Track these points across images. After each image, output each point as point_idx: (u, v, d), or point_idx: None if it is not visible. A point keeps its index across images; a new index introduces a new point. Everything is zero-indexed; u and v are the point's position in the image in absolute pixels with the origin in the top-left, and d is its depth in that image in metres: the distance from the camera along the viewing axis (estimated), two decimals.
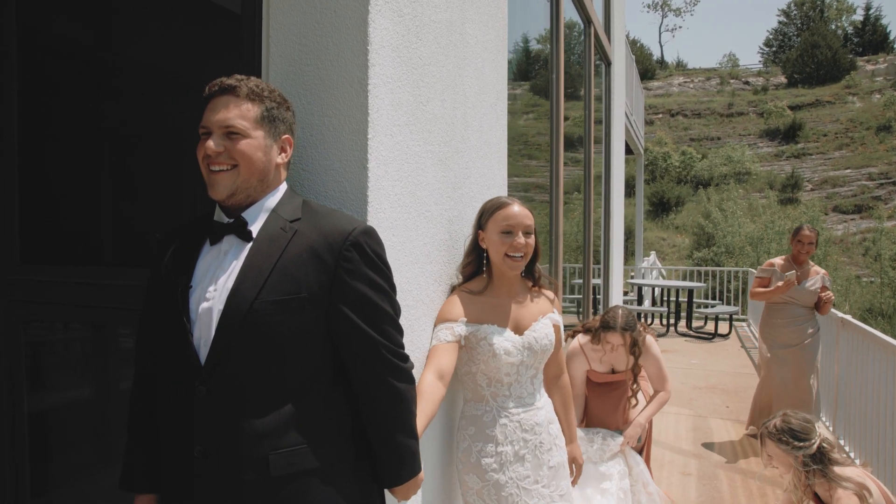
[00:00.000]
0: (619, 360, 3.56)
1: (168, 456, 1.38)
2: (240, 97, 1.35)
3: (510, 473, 1.97)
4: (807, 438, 2.49)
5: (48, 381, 2.49)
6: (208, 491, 1.31)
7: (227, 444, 1.30)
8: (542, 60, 5.32)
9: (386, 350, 1.40)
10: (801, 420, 2.56)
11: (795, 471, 2.57)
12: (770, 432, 2.61)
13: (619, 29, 6.90)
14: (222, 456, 1.30)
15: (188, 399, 1.31)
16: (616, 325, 3.36)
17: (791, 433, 2.54)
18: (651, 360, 3.52)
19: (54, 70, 2.44)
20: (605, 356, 3.50)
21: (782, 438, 2.56)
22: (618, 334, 3.36)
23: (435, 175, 1.99)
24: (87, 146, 2.36)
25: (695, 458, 4.42)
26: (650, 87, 43.72)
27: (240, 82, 1.36)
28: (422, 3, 1.86)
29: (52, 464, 2.45)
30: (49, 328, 2.50)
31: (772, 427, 2.62)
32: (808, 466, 2.51)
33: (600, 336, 3.42)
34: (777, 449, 2.58)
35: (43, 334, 2.48)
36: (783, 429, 2.57)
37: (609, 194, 6.41)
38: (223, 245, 1.38)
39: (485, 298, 2.01)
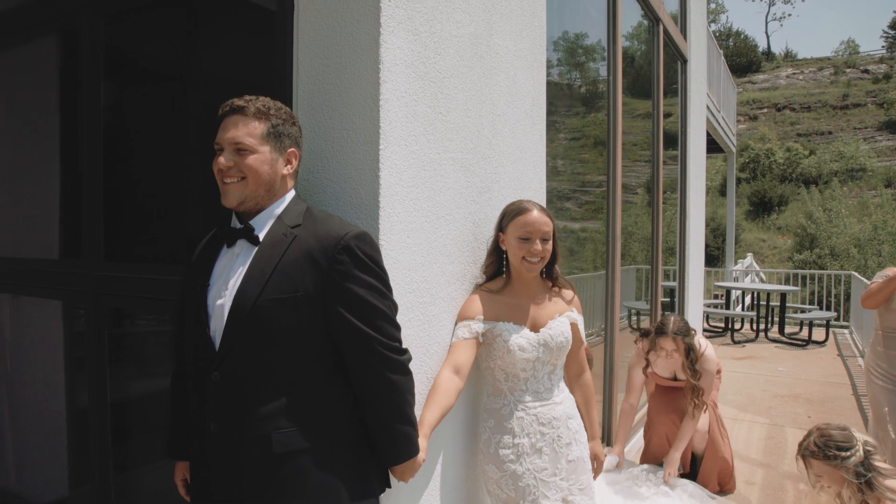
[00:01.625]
0: (678, 366, 3.57)
1: (193, 430, 1.59)
2: (248, 116, 1.54)
3: (527, 465, 2.06)
4: (851, 446, 2.40)
5: (130, 370, 2.82)
6: (220, 463, 1.51)
7: (235, 422, 1.49)
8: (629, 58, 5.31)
9: (379, 344, 1.53)
10: (838, 429, 2.46)
11: (849, 483, 2.48)
12: (812, 451, 2.49)
13: (699, 24, 6.71)
14: (231, 433, 1.50)
15: (205, 381, 1.52)
16: (668, 330, 3.40)
17: (835, 445, 2.44)
18: (706, 374, 3.53)
19: (134, 86, 2.76)
20: (665, 362, 3.53)
21: (828, 453, 2.45)
22: (669, 339, 3.41)
23: (457, 180, 2.11)
24: (160, 156, 2.66)
25: (762, 467, 4.27)
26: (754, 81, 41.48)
27: (248, 103, 1.55)
28: (440, 21, 1.99)
29: (132, 445, 2.77)
30: (130, 323, 2.83)
31: (812, 445, 2.50)
32: (862, 476, 2.41)
33: (655, 342, 3.47)
34: (825, 466, 2.46)
35: (124, 327, 2.81)
36: (825, 443, 2.46)
37: (685, 194, 6.25)
38: (236, 248, 1.58)
39: (503, 297, 2.11)
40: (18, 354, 3.29)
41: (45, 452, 3.16)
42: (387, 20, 1.76)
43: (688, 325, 3.53)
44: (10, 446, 3.31)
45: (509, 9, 2.44)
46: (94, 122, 2.61)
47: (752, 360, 7.82)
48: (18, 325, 3.30)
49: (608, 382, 4.03)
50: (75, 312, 2.98)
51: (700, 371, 3.50)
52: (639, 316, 5.72)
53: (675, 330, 3.45)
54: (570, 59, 4.34)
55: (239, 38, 2.34)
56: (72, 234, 3.00)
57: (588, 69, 4.55)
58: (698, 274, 6.88)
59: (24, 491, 3.21)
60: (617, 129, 4.05)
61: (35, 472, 3.20)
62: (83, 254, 2.69)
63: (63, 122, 3.01)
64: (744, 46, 45.44)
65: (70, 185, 2.83)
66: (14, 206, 3.25)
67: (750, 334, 9.43)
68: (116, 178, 2.64)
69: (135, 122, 2.75)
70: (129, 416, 2.81)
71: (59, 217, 3.05)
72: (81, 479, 3.05)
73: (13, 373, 3.29)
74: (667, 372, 3.69)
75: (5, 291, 3.26)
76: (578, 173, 4.58)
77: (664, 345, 3.48)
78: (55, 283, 2.89)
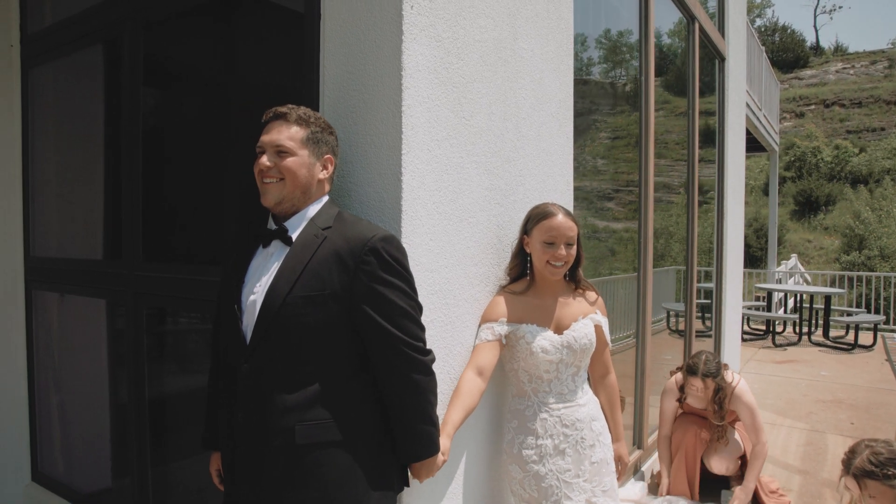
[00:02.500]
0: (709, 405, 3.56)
1: (223, 421, 1.67)
2: (289, 122, 1.63)
3: (550, 466, 2.08)
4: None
5: (166, 368, 2.93)
6: (245, 452, 1.58)
7: (261, 413, 1.56)
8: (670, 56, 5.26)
9: (403, 344, 1.58)
10: (886, 444, 2.37)
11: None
12: (867, 471, 2.35)
13: (738, 22, 6.58)
14: (257, 423, 1.56)
15: (235, 374, 1.59)
16: (697, 370, 3.42)
17: (892, 463, 2.34)
18: (744, 408, 3.55)
19: (172, 91, 2.87)
20: (695, 399, 3.57)
21: (888, 472, 2.30)
22: (698, 379, 3.43)
23: (480, 183, 2.13)
24: (194, 160, 2.75)
25: (800, 474, 4.17)
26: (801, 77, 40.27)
27: (290, 110, 1.64)
28: (463, 26, 2.02)
29: (169, 440, 2.87)
30: (165, 321, 2.94)
31: (866, 465, 2.35)
32: None
33: (687, 382, 3.49)
34: (882, 486, 2.31)
35: (160, 326, 2.92)
36: (883, 461, 2.32)
37: (723, 195, 6.14)
38: (270, 248, 1.65)
39: (527, 299, 2.13)
40: (66, 350, 3.44)
41: (90, 444, 3.30)
42: (409, 27, 1.79)
43: (719, 365, 3.52)
44: (57, 437, 3.46)
45: (534, 12, 2.45)
46: (133, 126, 2.72)
47: (793, 363, 7.63)
48: (66, 322, 3.45)
49: (639, 384, 3.99)
50: (118, 310, 3.10)
51: (727, 411, 3.52)
52: (677, 318, 5.64)
53: (706, 371, 3.45)
54: (613, 56, 4.32)
55: (269, 45, 2.41)
56: (115, 236, 3.13)
57: (631, 67, 4.51)
58: (737, 275, 6.74)
59: (71, 480, 3.36)
60: (649, 129, 4.02)
61: (80, 462, 3.34)
62: (124, 254, 2.80)
63: (106, 127, 3.14)
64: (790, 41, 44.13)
65: (113, 189, 2.95)
66: (62, 209, 3.40)
67: (792, 337, 9.20)
68: (155, 180, 2.75)
69: (172, 126, 2.85)
70: (167, 411, 2.91)
71: (102, 219, 3.18)
72: (123, 472, 3.18)
73: (60, 367, 3.44)
74: (700, 404, 3.65)
75: (54, 290, 3.41)
76: (621, 172, 4.55)
77: (694, 384, 3.49)
78: (99, 283, 3.02)
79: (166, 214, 2.79)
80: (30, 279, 3.45)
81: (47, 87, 3.40)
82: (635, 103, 4.30)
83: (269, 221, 1.71)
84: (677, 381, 3.70)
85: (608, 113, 4.40)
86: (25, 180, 3.44)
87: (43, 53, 3.30)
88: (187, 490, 2.86)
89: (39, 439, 3.50)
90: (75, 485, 3.33)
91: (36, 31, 3.36)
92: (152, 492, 2.80)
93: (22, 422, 3.49)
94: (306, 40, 2.00)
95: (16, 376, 3.45)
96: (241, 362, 1.59)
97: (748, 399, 3.53)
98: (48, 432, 3.49)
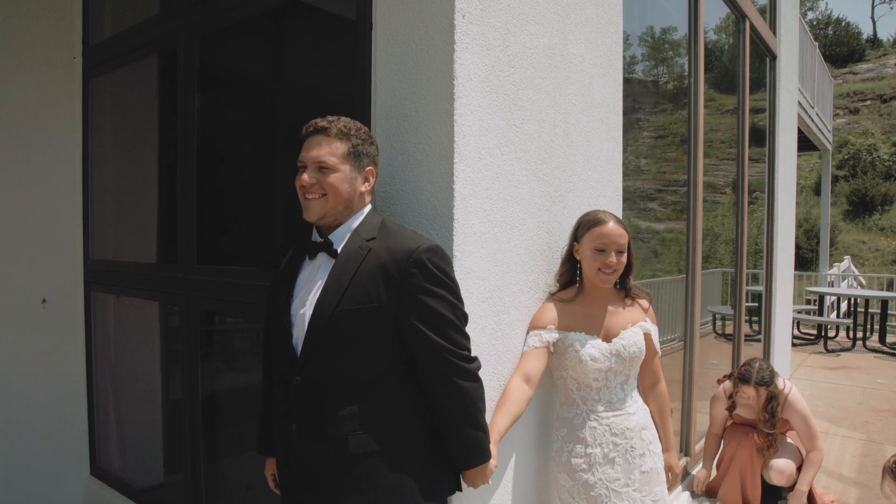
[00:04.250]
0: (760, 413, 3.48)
1: (277, 430, 1.70)
2: (330, 136, 1.63)
3: (599, 474, 2.06)
4: None
5: (217, 366, 3.00)
6: (300, 461, 1.62)
7: (314, 424, 1.59)
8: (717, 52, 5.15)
9: (449, 353, 1.59)
10: None
11: None
12: None
13: (790, 18, 6.40)
14: (311, 434, 1.59)
15: (289, 386, 1.62)
16: (750, 379, 3.35)
17: None
18: (797, 416, 3.48)
19: (223, 98, 2.94)
20: (744, 409, 3.52)
21: None
22: (751, 388, 3.36)
23: (530, 190, 2.13)
24: (247, 168, 2.82)
25: (856, 486, 4.03)
26: (856, 71, 38.83)
27: (331, 123, 1.64)
28: (514, 34, 2.02)
29: (220, 437, 2.95)
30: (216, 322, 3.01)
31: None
32: None
33: (738, 387, 3.42)
34: None
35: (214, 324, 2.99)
36: None
37: (773, 195, 5.98)
38: (317, 261, 1.68)
39: (576, 307, 2.12)
40: (122, 349, 3.57)
41: (145, 440, 3.41)
42: (460, 37, 1.80)
43: (773, 373, 3.44)
44: (113, 433, 3.59)
45: (584, 17, 2.43)
46: (188, 134, 2.80)
47: (847, 370, 7.37)
48: (121, 322, 3.58)
49: (687, 390, 3.92)
50: (171, 311, 3.20)
51: (780, 419, 3.44)
52: (724, 321, 5.52)
53: (759, 380, 3.38)
54: (655, 54, 4.25)
55: (321, 53, 2.46)
56: (168, 240, 3.23)
57: (674, 65, 4.44)
58: (787, 278, 6.56)
59: (126, 475, 3.48)
60: (699, 127, 3.94)
61: (135, 458, 3.46)
62: (178, 258, 2.89)
63: (161, 135, 3.24)
64: (845, 34, 42.58)
65: (168, 194, 3.04)
66: (118, 214, 3.53)
67: (846, 343, 8.89)
68: (209, 186, 2.82)
69: (225, 133, 2.93)
70: (218, 409, 2.99)
71: (156, 224, 3.29)
72: (174, 468, 3.28)
73: (117, 366, 3.57)
74: (750, 414, 3.57)
75: (110, 292, 3.54)
76: (664, 172, 4.47)
77: (746, 392, 3.42)
78: (153, 286, 3.12)
79: (219, 220, 2.86)
80: (88, 281, 3.59)
81: (106, 96, 3.53)
82: (678, 101, 4.22)
83: (314, 234, 1.73)
84: (726, 389, 3.64)
85: (651, 111, 4.32)
86: (86, 186, 3.57)
87: (103, 64, 3.43)
88: (237, 486, 2.94)
89: (97, 435, 3.63)
90: (130, 479, 3.44)
91: (96, 43, 3.49)
92: (204, 488, 2.88)
93: (81, 418, 3.62)
94: (358, 48, 2.03)
95: (76, 374, 3.59)
96: (293, 374, 1.62)
97: (801, 407, 3.45)
98: (105, 428, 3.62)
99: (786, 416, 3.46)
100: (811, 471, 3.43)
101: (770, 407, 3.38)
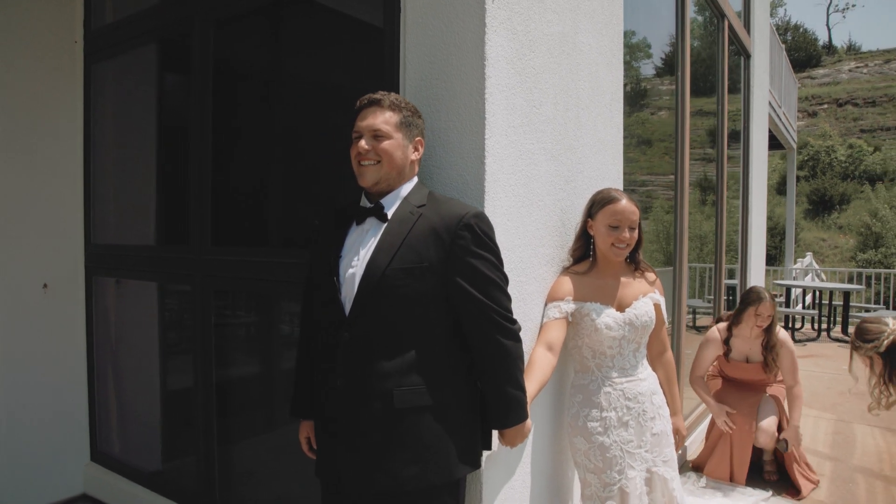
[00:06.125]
0: (755, 348, 3.66)
1: (320, 388, 1.78)
2: (383, 107, 1.74)
3: (614, 437, 2.19)
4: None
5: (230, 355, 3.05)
6: (346, 416, 1.69)
7: (361, 379, 1.67)
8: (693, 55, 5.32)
9: (494, 312, 1.69)
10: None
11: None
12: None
13: (762, 20, 6.66)
14: (357, 389, 1.68)
15: (335, 342, 1.70)
16: (765, 295, 3.60)
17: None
18: (786, 351, 3.71)
19: (236, 90, 3.00)
20: (741, 343, 3.70)
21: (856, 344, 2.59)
22: (768, 303, 3.58)
23: (548, 169, 2.25)
24: (260, 149, 2.88)
25: (830, 460, 4.26)
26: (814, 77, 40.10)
27: (383, 96, 1.75)
28: (534, 20, 2.13)
29: (234, 421, 3.00)
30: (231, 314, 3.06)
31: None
32: None
33: (749, 312, 3.61)
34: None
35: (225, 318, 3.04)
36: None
37: (748, 191, 6.22)
38: (366, 225, 1.77)
39: (590, 279, 2.24)
40: (122, 334, 3.58)
41: (149, 426, 3.43)
42: (490, 20, 1.91)
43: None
44: (114, 417, 3.60)
45: (592, 8, 2.56)
46: (204, 121, 2.84)
47: (814, 358, 7.70)
48: (126, 307, 3.59)
49: None
50: (179, 293, 3.23)
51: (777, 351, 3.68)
52: (695, 314, 5.73)
53: (771, 296, 3.63)
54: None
55: (349, 31, 2.53)
56: (169, 222, 3.26)
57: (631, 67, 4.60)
58: (759, 272, 6.82)
59: (128, 459, 3.49)
60: (685, 127, 4.12)
61: (142, 442, 3.47)
62: (191, 239, 2.93)
63: (168, 120, 3.27)
64: (803, 40, 43.95)
65: (177, 177, 3.07)
66: (117, 199, 3.54)
67: (811, 333, 9.25)
68: (221, 170, 2.87)
69: (238, 121, 2.98)
70: (231, 392, 3.03)
71: (166, 206, 3.32)
72: (173, 455, 3.31)
73: (117, 350, 3.57)
74: (741, 356, 3.77)
75: (110, 275, 3.55)
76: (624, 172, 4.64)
77: (762, 311, 3.63)
78: (163, 268, 3.15)
79: (231, 202, 2.92)
80: (90, 265, 3.59)
81: (110, 81, 3.54)
82: (635, 103, 4.40)
83: (363, 200, 1.82)
84: (720, 331, 3.82)
85: None
86: (87, 170, 3.57)
87: (106, 49, 3.44)
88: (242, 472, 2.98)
89: (99, 421, 3.63)
90: (132, 463, 3.46)
91: (99, 28, 3.50)
92: (217, 471, 2.92)
93: (82, 403, 3.62)
94: (386, 29, 2.12)
95: (77, 358, 3.59)
96: (342, 332, 1.70)
97: (790, 343, 3.75)
98: (107, 414, 3.62)
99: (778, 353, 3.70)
100: (798, 405, 3.73)
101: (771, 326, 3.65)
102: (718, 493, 3.58)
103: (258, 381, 3.05)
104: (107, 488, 3.49)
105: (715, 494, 3.57)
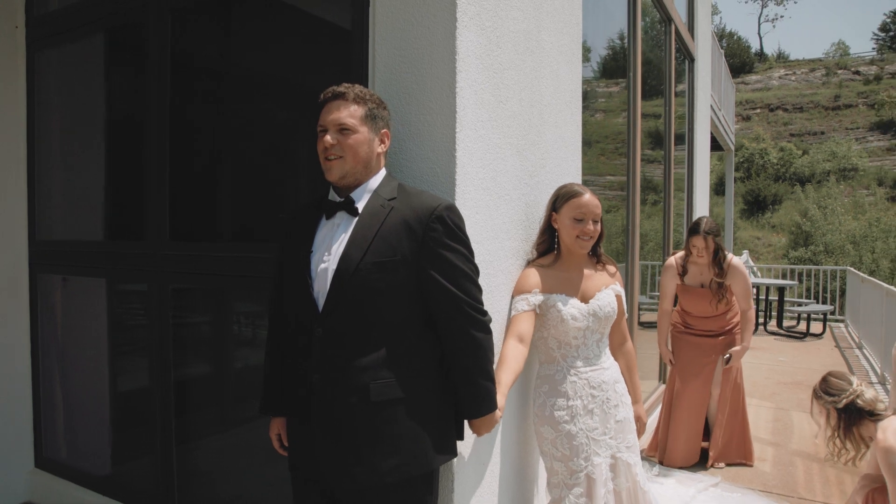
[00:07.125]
0: (706, 273, 3.84)
1: (293, 384, 1.76)
2: (348, 101, 1.73)
3: (580, 425, 2.25)
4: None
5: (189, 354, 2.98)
6: (323, 411, 1.68)
7: (336, 373, 1.67)
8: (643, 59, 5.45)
9: (466, 304, 1.71)
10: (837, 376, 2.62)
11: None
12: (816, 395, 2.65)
13: (704, 25, 6.92)
14: (333, 383, 1.67)
15: (309, 338, 1.69)
16: (700, 229, 3.75)
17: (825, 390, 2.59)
18: (739, 276, 3.87)
19: (195, 81, 2.92)
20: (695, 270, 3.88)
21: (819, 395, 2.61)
22: (700, 237, 3.76)
23: (514, 164, 2.29)
24: (219, 144, 2.82)
25: (771, 446, 4.48)
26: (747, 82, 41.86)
27: (348, 89, 1.74)
28: (501, 17, 2.17)
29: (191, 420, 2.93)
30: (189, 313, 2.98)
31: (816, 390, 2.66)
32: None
33: (689, 243, 3.81)
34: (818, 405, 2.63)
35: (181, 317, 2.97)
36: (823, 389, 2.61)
37: (692, 191, 6.46)
38: (335, 219, 1.76)
39: (555, 271, 2.30)
40: (69, 334, 3.44)
41: (99, 428, 3.30)
42: (461, 15, 1.93)
43: (718, 227, 3.87)
44: (62, 421, 3.46)
45: (554, 7, 2.62)
46: (161, 113, 2.77)
47: (752, 350, 7.98)
48: (67, 305, 3.45)
49: None
50: (131, 290, 3.13)
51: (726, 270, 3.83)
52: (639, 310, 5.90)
53: (707, 229, 3.80)
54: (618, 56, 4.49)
55: (315, 24, 2.51)
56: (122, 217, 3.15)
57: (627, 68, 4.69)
58: None
59: (77, 463, 3.36)
60: (636, 128, 4.25)
61: (93, 446, 3.35)
62: (147, 235, 2.85)
63: (121, 111, 3.16)
64: (737, 47, 45.84)
65: (130, 171, 2.97)
66: (64, 193, 3.40)
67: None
68: (182, 162, 2.80)
69: (202, 108, 2.91)
70: (189, 392, 2.96)
71: (103, 201, 3.20)
72: (126, 457, 3.20)
73: (65, 351, 3.43)
74: (696, 282, 3.97)
75: (57, 273, 3.40)
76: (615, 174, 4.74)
77: (696, 243, 3.81)
78: (110, 263, 3.05)
79: (188, 196, 2.85)
80: (35, 262, 3.44)
81: (58, 70, 3.39)
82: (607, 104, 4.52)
83: (331, 194, 1.81)
84: (677, 259, 4.01)
85: None
86: (31, 164, 3.42)
87: (52, 36, 3.30)
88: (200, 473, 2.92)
89: (44, 425, 3.48)
90: (80, 468, 3.33)
91: (43, 14, 3.35)
92: (176, 473, 2.84)
93: (25, 408, 3.46)
94: (355, 19, 2.11)
95: (21, 362, 3.43)
96: (315, 327, 1.69)
97: (742, 269, 3.91)
98: (53, 418, 3.47)
99: (730, 279, 3.86)
100: (750, 328, 3.94)
101: (718, 259, 3.80)
102: (671, 479, 3.71)
103: (218, 378, 2.98)
104: (54, 495, 3.35)
105: (667, 481, 3.70)
